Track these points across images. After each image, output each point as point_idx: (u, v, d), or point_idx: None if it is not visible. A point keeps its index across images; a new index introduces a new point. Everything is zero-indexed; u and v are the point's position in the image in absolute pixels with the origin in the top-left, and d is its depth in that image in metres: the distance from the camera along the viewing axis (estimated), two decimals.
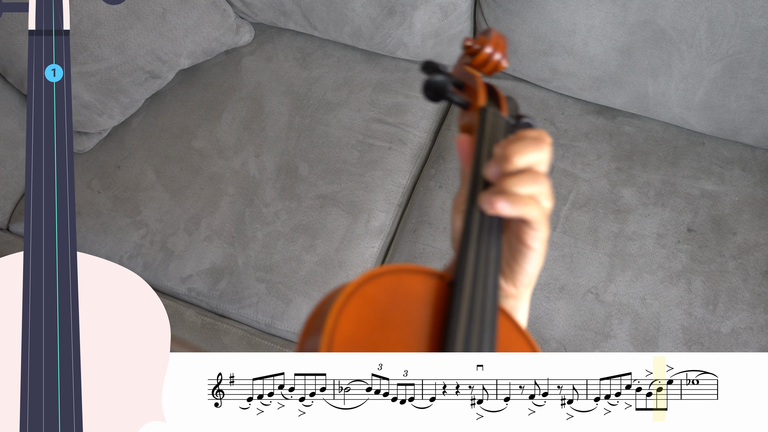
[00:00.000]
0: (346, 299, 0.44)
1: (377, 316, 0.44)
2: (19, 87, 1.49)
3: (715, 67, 1.34)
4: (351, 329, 0.43)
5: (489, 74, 0.62)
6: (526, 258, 0.51)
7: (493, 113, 0.56)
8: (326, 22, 1.59)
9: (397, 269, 0.47)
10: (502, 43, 0.61)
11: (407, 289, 0.46)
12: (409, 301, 0.46)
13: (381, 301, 0.45)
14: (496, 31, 0.61)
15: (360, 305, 0.44)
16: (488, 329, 0.46)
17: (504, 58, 0.61)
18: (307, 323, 0.46)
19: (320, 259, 1.38)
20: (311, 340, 0.45)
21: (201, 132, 1.54)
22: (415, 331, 0.45)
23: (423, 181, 1.48)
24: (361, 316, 0.44)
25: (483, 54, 0.60)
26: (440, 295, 0.47)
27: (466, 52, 0.62)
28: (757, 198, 1.39)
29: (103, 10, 1.43)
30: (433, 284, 0.47)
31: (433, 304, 0.46)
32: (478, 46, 0.61)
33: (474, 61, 0.61)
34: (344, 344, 0.43)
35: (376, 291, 0.45)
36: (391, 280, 0.46)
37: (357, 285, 0.45)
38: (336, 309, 0.43)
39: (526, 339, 0.50)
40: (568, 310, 1.30)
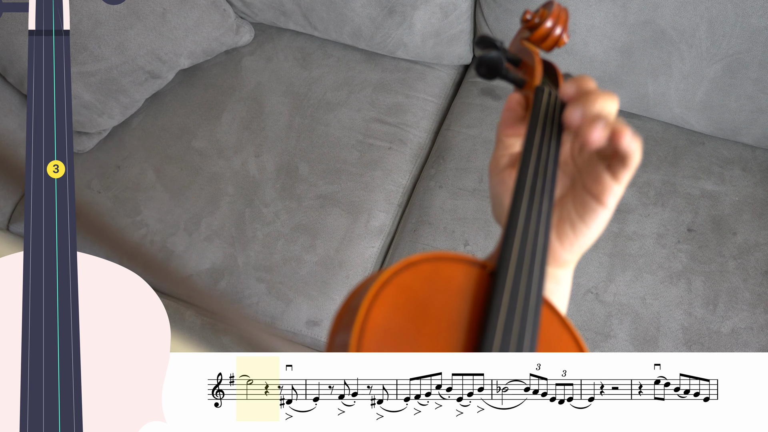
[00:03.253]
0: (382, 286, 0.42)
1: (413, 304, 0.42)
2: (19, 87, 1.49)
3: (715, 67, 1.34)
4: (385, 317, 0.41)
5: (549, 50, 0.58)
6: (595, 216, 0.49)
7: (549, 92, 0.53)
8: (326, 22, 1.58)
9: (436, 257, 0.44)
10: (563, 17, 0.57)
11: (446, 278, 0.44)
12: (448, 290, 0.43)
13: (417, 290, 0.43)
14: (558, 3, 0.58)
15: (396, 293, 0.42)
16: (530, 322, 0.44)
17: (565, 32, 0.57)
18: (340, 311, 0.44)
19: (320, 259, 1.38)
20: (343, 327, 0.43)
21: (201, 132, 1.53)
22: (451, 322, 0.43)
23: (423, 181, 1.48)
24: (396, 304, 0.42)
25: (543, 28, 0.57)
26: (481, 285, 0.44)
27: (525, 26, 0.58)
28: (757, 198, 1.39)
29: (103, 10, 1.43)
30: (474, 273, 0.45)
31: (472, 294, 0.44)
32: (538, 20, 0.57)
33: (533, 36, 0.57)
34: (377, 333, 0.41)
35: (413, 279, 0.43)
36: (429, 268, 0.44)
37: (393, 272, 0.42)
38: (371, 296, 0.41)
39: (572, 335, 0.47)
40: (568, 310, 1.30)
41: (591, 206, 0.49)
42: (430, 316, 0.43)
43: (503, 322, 0.43)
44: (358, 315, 0.41)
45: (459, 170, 1.46)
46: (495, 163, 0.53)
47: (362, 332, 0.41)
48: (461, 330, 0.43)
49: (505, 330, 0.43)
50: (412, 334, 0.42)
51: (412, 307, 0.42)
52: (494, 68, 0.51)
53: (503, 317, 0.43)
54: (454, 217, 1.40)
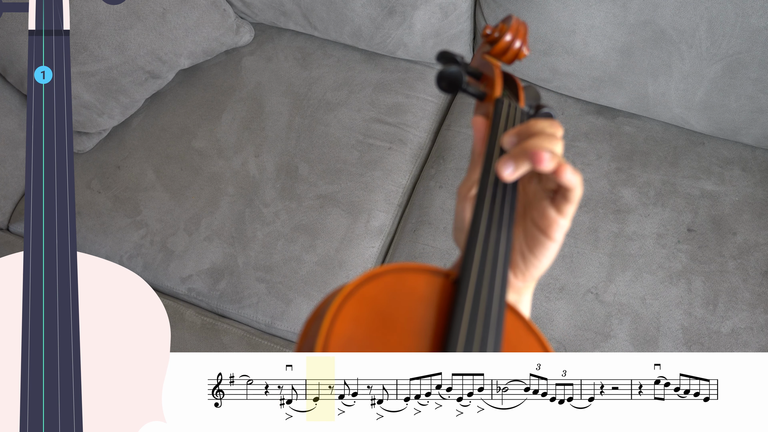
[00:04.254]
0: (344, 299, 0.43)
1: (376, 316, 0.43)
2: (19, 87, 1.49)
3: (715, 67, 1.34)
4: (348, 330, 0.42)
5: (510, 63, 0.59)
6: (544, 250, 0.50)
7: (509, 104, 0.54)
8: (326, 22, 1.59)
9: (399, 268, 0.45)
10: (522, 31, 0.59)
11: (409, 288, 0.45)
12: (411, 300, 0.44)
13: (381, 301, 0.44)
14: (516, 17, 0.59)
15: (358, 305, 0.43)
16: (493, 329, 0.45)
17: (525, 45, 0.59)
18: (306, 324, 0.45)
19: (320, 259, 1.38)
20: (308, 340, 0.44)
21: (201, 132, 1.54)
22: (416, 331, 0.44)
23: (423, 181, 1.48)
24: (359, 316, 0.43)
25: (502, 42, 0.58)
26: (444, 294, 0.45)
27: (486, 40, 0.60)
28: (757, 198, 1.39)
29: (103, 10, 1.43)
30: (437, 283, 0.46)
31: (436, 303, 0.45)
32: (497, 34, 0.58)
33: (493, 50, 0.58)
34: (340, 345, 0.42)
35: (376, 291, 0.44)
36: (392, 280, 0.45)
37: (356, 285, 0.44)
38: (333, 309, 0.42)
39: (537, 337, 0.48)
40: (568, 310, 1.30)
41: (539, 240, 0.50)
42: (394, 325, 0.43)
43: (466, 327, 0.44)
44: (322, 327, 0.42)
45: (459, 170, 1.46)
46: (467, 188, 0.54)
47: (327, 343, 0.41)
48: (426, 337, 0.44)
49: (468, 334, 0.44)
50: (377, 343, 0.43)
51: (375, 317, 0.43)
52: (454, 82, 0.53)
53: (466, 322, 0.44)
54: (453, 217, 1.40)
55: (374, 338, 0.43)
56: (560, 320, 1.29)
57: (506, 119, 0.53)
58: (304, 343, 0.45)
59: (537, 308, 1.30)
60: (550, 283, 1.32)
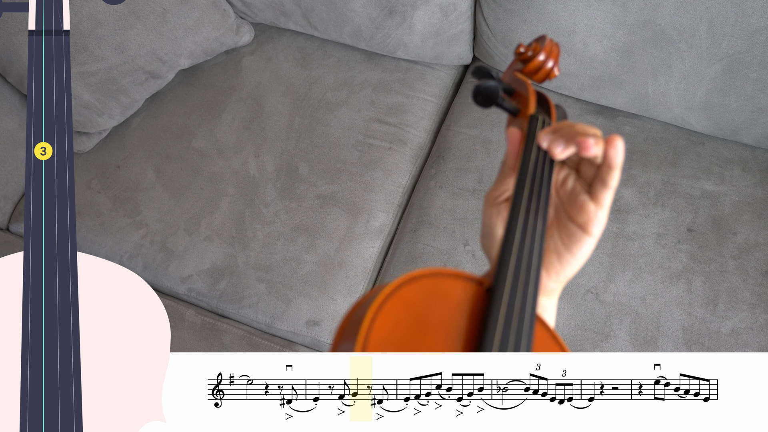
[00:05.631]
0: (385, 300, 0.43)
1: (414, 319, 0.44)
2: (19, 87, 1.49)
3: (715, 67, 1.34)
4: (387, 331, 0.43)
5: (540, 82, 0.61)
6: (581, 245, 0.51)
7: (542, 121, 0.56)
8: (326, 22, 1.59)
9: (436, 272, 0.46)
10: (555, 51, 0.60)
11: (445, 293, 0.46)
12: (447, 305, 0.45)
13: (418, 304, 0.44)
14: (549, 38, 0.61)
15: (397, 307, 0.44)
16: (525, 338, 0.46)
17: (556, 65, 0.60)
18: (343, 323, 0.46)
19: (320, 259, 1.38)
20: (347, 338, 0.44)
21: (201, 132, 1.54)
22: (450, 335, 0.45)
23: (423, 181, 1.48)
24: (398, 318, 0.43)
25: (536, 61, 0.60)
26: (478, 301, 0.46)
27: (518, 58, 0.61)
28: (757, 198, 1.39)
29: (103, 10, 1.43)
30: (471, 289, 0.47)
31: (470, 309, 0.46)
32: (531, 53, 0.60)
33: (526, 68, 0.60)
34: (379, 346, 0.42)
35: (414, 294, 0.45)
36: (429, 284, 0.45)
37: (396, 286, 0.44)
38: (373, 309, 0.43)
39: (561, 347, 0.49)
40: (568, 310, 1.30)
41: (577, 236, 0.51)
42: (429, 329, 0.44)
43: (500, 336, 0.45)
44: (362, 326, 0.42)
45: (459, 170, 1.46)
46: (495, 195, 0.55)
47: (366, 343, 0.42)
48: (459, 343, 0.45)
49: (501, 344, 0.45)
50: (413, 346, 0.44)
51: (413, 320, 0.44)
52: (491, 97, 0.54)
53: (500, 331, 0.45)
54: (454, 217, 1.40)
55: (411, 340, 0.44)
56: (560, 320, 1.29)
57: None
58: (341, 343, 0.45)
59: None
60: None
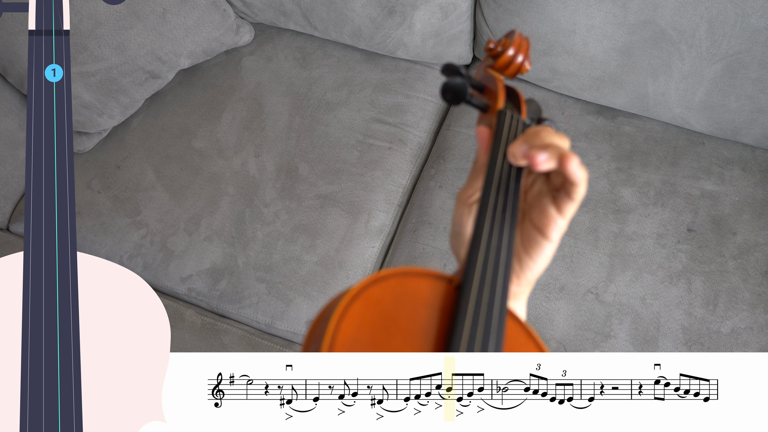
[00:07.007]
0: (350, 301, 0.44)
1: (381, 318, 0.44)
2: (19, 87, 1.49)
3: (715, 67, 1.34)
4: (353, 331, 0.43)
5: (512, 77, 0.61)
6: (540, 250, 0.51)
7: (511, 116, 0.56)
8: (326, 22, 1.59)
9: (403, 272, 0.46)
10: (525, 45, 0.61)
11: (413, 292, 0.46)
12: (415, 304, 0.45)
13: (385, 304, 0.44)
14: (519, 32, 0.61)
15: (364, 307, 0.44)
16: (494, 333, 0.46)
17: (527, 60, 0.61)
18: (312, 325, 0.46)
19: (320, 259, 1.38)
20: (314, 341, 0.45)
21: (201, 132, 1.54)
22: (419, 334, 0.45)
23: (423, 181, 1.48)
24: (364, 318, 0.43)
25: (505, 56, 0.60)
26: (447, 298, 0.46)
27: (489, 54, 0.62)
28: (757, 198, 1.39)
29: (103, 10, 1.43)
30: (440, 287, 0.47)
31: (439, 307, 0.46)
32: (501, 49, 0.60)
33: (496, 64, 0.61)
34: (346, 346, 0.43)
35: (381, 293, 0.45)
36: (396, 283, 0.45)
37: (361, 287, 0.44)
38: (339, 311, 0.43)
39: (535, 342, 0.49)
40: (568, 310, 1.30)
41: (536, 240, 0.51)
42: (398, 328, 0.44)
43: (468, 331, 0.45)
44: (329, 328, 0.43)
45: (459, 170, 1.46)
46: (467, 195, 0.55)
47: (332, 344, 0.42)
48: (429, 340, 0.45)
49: (470, 338, 0.45)
50: (381, 345, 0.44)
51: (380, 320, 0.44)
52: (458, 94, 0.54)
53: (468, 326, 0.45)
54: None
55: (379, 340, 0.44)
56: (560, 320, 1.29)
57: (509, 130, 0.55)
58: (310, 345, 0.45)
59: (537, 308, 1.30)
60: (550, 283, 1.32)
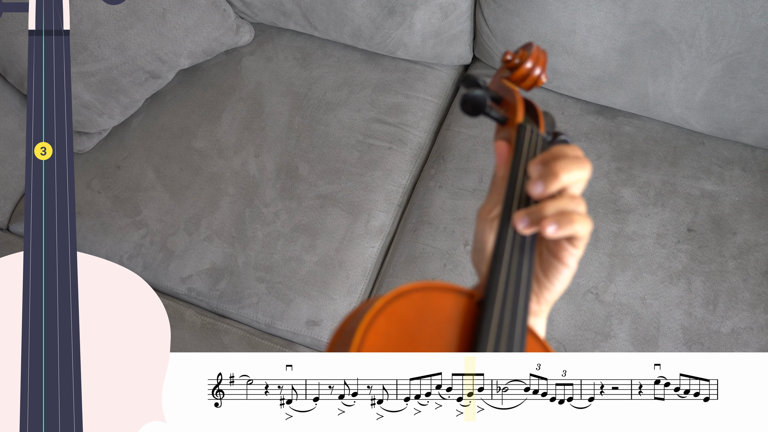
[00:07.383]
0: (375, 315, 0.44)
1: (405, 333, 0.44)
2: (19, 87, 1.49)
3: (715, 67, 1.34)
4: (378, 346, 0.43)
5: (528, 89, 0.61)
6: (558, 275, 0.51)
7: (531, 130, 0.55)
8: (326, 22, 1.59)
9: (426, 286, 0.46)
10: (542, 58, 0.60)
11: (436, 306, 0.46)
12: (437, 319, 0.45)
13: (409, 319, 0.44)
14: (536, 45, 0.61)
15: (388, 322, 0.44)
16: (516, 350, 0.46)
17: (543, 73, 0.60)
18: (334, 338, 0.46)
19: (320, 259, 1.38)
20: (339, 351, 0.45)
21: (201, 132, 1.54)
22: (441, 349, 0.45)
23: (423, 181, 1.48)
24: (388, 332, 0.43)
25: (523, 69, 0.59)
26: (469, 314, 0.46)
27: (506, 66, 0.61)
28: (757, 198, 1.39)
29: (103, 10, 1.43)
30: (462, 302, 0.47)
31: (461, 323, 0.46)
32: (518, 61, 0.60)
33: (513, 76, 0.60)
34: None
35: (405, 308, 0.45)
36: (419, 297, 0.45)
37: (386, 301, 0.44)
38: (364, 325, 0.43)
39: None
40: (568, 310, 1.30)
41: (553, 264, 0.51)
42: (421, 342, 0.45)
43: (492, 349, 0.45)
44: (354, 341, 0.43)
45: (459, 170, 1.46)
46: (488, 210, 0.54)
47: None
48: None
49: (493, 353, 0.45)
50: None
51: (404, 335, 0.44)
52: (479, 106, 0.54)
53: (492, 344, 0.45)
54: (454, 217, 1.40)
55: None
56: (560, 320, 1.29)
57: (528, 145, 0.54)
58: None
59: None
60: None
